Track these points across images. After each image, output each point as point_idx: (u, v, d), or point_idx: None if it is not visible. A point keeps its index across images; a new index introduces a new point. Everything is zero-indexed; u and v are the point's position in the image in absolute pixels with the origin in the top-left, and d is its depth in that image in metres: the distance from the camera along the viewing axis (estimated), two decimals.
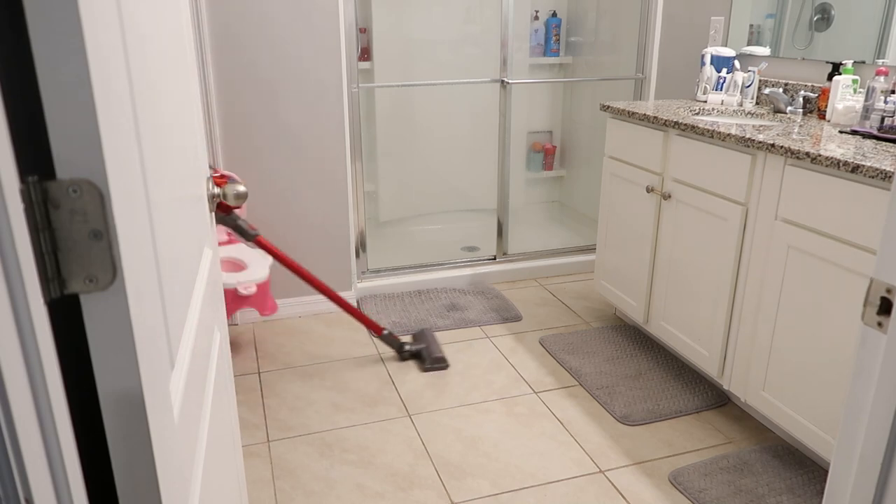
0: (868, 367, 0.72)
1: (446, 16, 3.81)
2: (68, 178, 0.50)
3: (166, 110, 0.81)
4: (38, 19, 0.47)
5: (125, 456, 0.57)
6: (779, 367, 1.95)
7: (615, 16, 3.69)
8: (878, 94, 2.09)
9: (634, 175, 2.55)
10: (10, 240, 0.44)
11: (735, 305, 2.12)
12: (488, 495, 1.89)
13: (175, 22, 0.95)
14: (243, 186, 1.15)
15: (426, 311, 2.98)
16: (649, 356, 2.62)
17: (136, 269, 0.57)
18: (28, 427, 0.45)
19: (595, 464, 2.02)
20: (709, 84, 2.74)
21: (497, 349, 2.70)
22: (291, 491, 1.90)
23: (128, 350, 0.55)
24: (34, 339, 0.46)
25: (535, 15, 3.98)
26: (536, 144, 4.23)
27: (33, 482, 0.46)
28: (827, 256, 1.75)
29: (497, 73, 3.21)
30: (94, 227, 0.51)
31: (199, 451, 0.84)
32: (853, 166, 1.65)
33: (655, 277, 2.49)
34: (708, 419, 2.23)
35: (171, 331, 0.71)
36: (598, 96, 3.86)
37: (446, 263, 3.31)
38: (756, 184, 1.99)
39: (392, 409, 2.30)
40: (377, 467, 2.00)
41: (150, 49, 0.74)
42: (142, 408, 0.57)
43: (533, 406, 2.32)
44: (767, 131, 2.08)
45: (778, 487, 1.89)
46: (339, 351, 2.68)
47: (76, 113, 0.49)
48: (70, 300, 0.52)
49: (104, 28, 0.54)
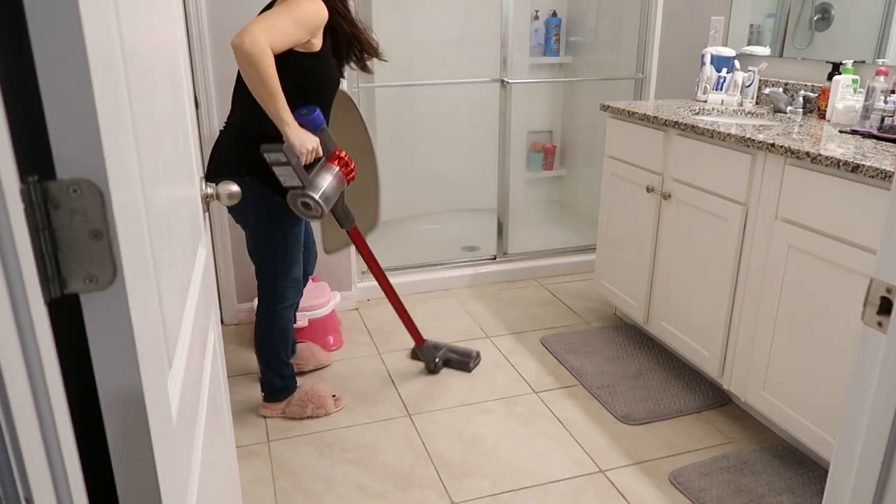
0: (868, 367, 0.72)
1: (446, 16, 3.81)
2: (68, 177, 0.50)
3: (161, 110, 0.81)
4: (38, 19, 0.47)
5: (125, 455, 0.57)
6: (779, 367, 1.95)
7: (615, 15, 3.69)
8: (878, 93, 2.09)
9: (634, 175, 2.55)
10: (10, 240, 0.44)
11: (735, 305, 2.12)
12: (488, 495, 1.89)
13: (169, 23, 0.95)
14: (236, 186, 1.15)
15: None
16: (649, 356, 2.62)
17: (135, 269, 0.57)
18: (28, 427, 0.45)
19: (595, 464, 2.02)
20: (709, 84, 2.74)
21: (497, 349, 2.70)
22: (291, 491, 1.90)
23: (128, 349, 0.55)
24: (34, 338, 0.46)
25: (535, 15, 3.98)
26: (536, 144, 4.23)
27: (33, 482, 0.46)
28: (827, 256, 1.75)
29: (497, 73, 3.21)
30: (94, 226, 0.51)
31: (196, 450, 0.84)
32: (853, 166, 1.65)
33: (655, 277, 2.49)
34: (708, 419, 2.23)
35: (168, 330, 0.71)
36: (598, 96, 3.86)
37: (446, 263, 3.31)
38: (756, 184, 1.99)
39: (392, 408, 2.30)
40: (377, 467, 2.00)
41: (147, 50, 0.74)
42: (142, 407, 0.57)
43: (533, 406, 2.32)
44: (767, 131, 2.08)
45: (778, 487, 1.89)
46: (340, 350, 2.68)
47: (76, 113, 0.49)
48: (70, 300, 0.52)
49: (104, 28, 0.54)
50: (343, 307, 3.01)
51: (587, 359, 2.60)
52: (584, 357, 2.61)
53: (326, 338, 2.66)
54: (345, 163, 1.95)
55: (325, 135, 1.89)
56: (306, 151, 1.83)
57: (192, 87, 1.18)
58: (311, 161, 1.87)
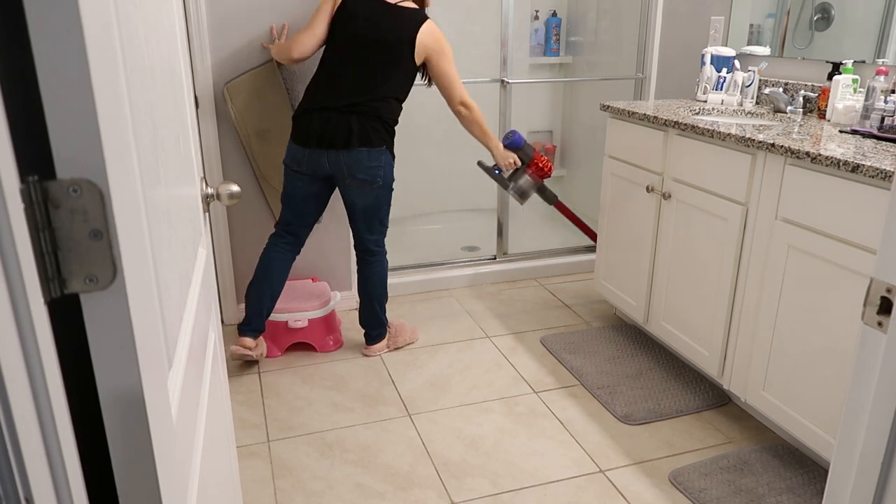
0: (868, 367, 0.72)
1: (446, 16, 3.80)
2: (68, 177, 0.50)
3: (161, 110, 0.81)
4: (38, 19, 0.47)
5: (125, 455, 0.57)
6: (779, 367, 1.95)
7: (615, 15, 3.69)
8: (878, 93, 2.09)
9: (634, 175, 2.55)
10: (10, 239, 0.44)
11: (735, 305, 2.12)
12: (488, 495, 1.89)
13: (168, 21, 0.95)
14: (236, 186, 1.16)
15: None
16: (649, 356, 2.62)
17: (135, 269, 0.57)
18: (28, 427, 0.45)
19: (595, 463, 2.02)
20: (709, 84, 2.74)
21: (497, 349, 2.70)
22: (291, 491, 1.90)
23: (128, 349, 0.55)
24: (34, 338, 0.46)
25: (535, 15, 3.98)
26: (536, 144, 4.23)
27: (33, 482, 0.46)
28: (827, 256, 1.75)
29: (497, 73, 3.21)
30: (95, 226, 0.51)
31: (196, 450, 0.84)
32: (853, 166, 1.65)
33: (655, 277, 2.49)
34: (708, 419, 2.23)
35: (168, 330, 0.71)
36: (598, 96, 3.86)
37: (446, 263, 3.31)
38: (756, 183, 1.99)
39: (392, 408, 2.30)
40: (377, 467, 2.00)
41: (146, 49, 0.74)
42: (142, 407, 0.57)
43: (533, 406, 2.32)
44: (767, 131, 2.08)
45: (778, 487, 1.89)
46: (340, 350, 2.68)
47: (76, 113, 0.49)
48: (70, 300, 0.52)
49: (104, 28, 0.54)
50: (343, 307, 3.01)
51: (587, 359, 2.60)
52: (584, 357, 2.61)
53: (326, 338, 2.66)
54: (539, 167, 2.70)
55: (524, 149, 2.66)
56: (507, 165, 2.66)
57: (192, 87, 1.18)
58: (513, 170, 2.69)
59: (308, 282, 2.82)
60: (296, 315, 2.59)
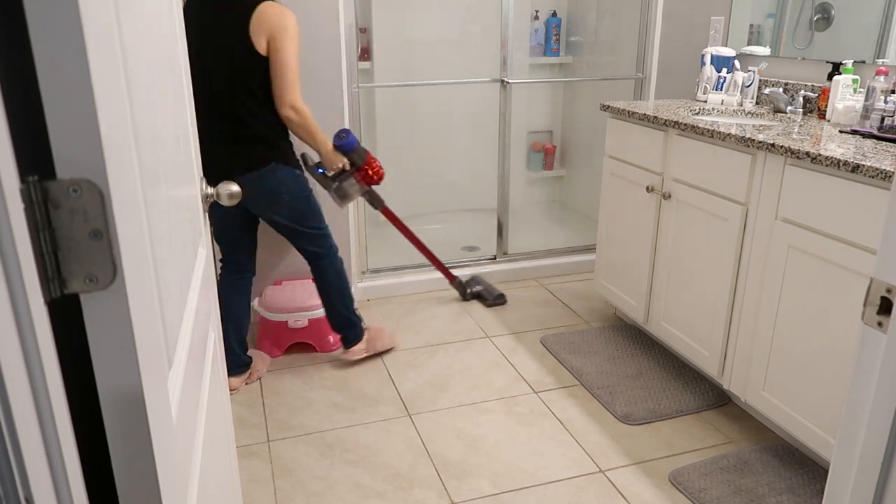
0: (868, 367, 0.72)
1: (446, 16, 3.81)
2: (68, 177, 0.50)
3: (161, 109, 0.81)
4: (38, 19, 0.47)
5: (125, 455, 0.57)
6: (779, 367, 1.95)
7: (615, 15, 3.69)
8: (878, 93, 2.09)
9: (634, 175, 2.55)
10: (10, 239, 0.44)
11: (735, 305, 2.12)
12: (488, 495, 1.89)
13: (168, 21, 0.95)
14: (236, 186, 1.16)
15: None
16: (649, 356, 2.62)
17: (135, 269, 0.57)
18: (28, 427, 0.45)
19: (595, 463, 2.02)
20: (709, 84, 2.74)
21: (497, 349, 2.70)
22: (291, 491, 1.90)
23: (128, 349, 0.55)
24: (34, 338, 0.46)
25: (535, 15, 3.98)
26: (536, 144, 4.23)
27: (33, 482, 0.46)
28: (827, 256, 1.75)
29: (497, 73, 3.21)
30: (95, 226, 0.51)
31: (196, 450, 0.84)
32: (853, 166, 1.65)
33: (655, 277, 2.49)
34: (708, 419, 2.23)
35: (168, 330, 0.71)
36: (598, 96, 3.86)
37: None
38: (756, 184, 1.99)
39: (392, 408, 2.30)
40: (377, 467, 2.00)
41: (147, 50, 0.74)
42: (142, 407, 0.57)
43: (533, 406, 2.32)
44: (767, 131, 2.08)
45: (778, 487, 1.89)
46: (339, 350, 2.68)
47: (76, 113, 0.49)
48: (70, 300, 0.52)
49: (104, 28, 0.54)
50: None
51: (587, 359, 2.60)
52: (584, 357, 2.61)
53: (326, 338, 2.66)
54: (368, 174, 2.48)
55: (356, 152, 2.43)
56: (333, 168, 2.39)
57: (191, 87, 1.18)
58: (339, 172, 2.43)
59: (308, 282, 2.82)
60: (296, 315, 2.59)
